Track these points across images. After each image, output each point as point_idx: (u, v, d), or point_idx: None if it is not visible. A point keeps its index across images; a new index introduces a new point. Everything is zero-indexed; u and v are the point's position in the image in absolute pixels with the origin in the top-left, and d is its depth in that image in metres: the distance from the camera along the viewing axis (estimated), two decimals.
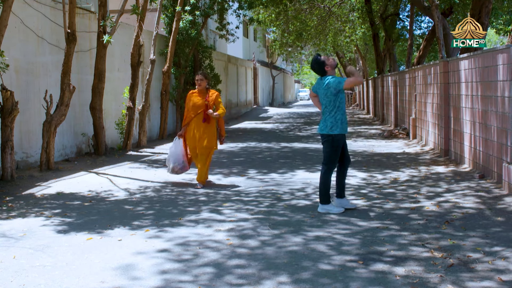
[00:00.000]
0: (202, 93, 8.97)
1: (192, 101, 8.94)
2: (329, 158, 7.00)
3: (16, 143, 9.96)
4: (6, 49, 9.39)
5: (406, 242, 5.58)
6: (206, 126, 8.87)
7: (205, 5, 20.47)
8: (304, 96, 76.72)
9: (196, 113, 8.85)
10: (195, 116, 8.85)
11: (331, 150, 6.96)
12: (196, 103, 8.88)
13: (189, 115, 8.92)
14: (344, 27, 31.00)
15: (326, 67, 7.08)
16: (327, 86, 6.95)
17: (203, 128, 8.85)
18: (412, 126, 16.18)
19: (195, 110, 8.87)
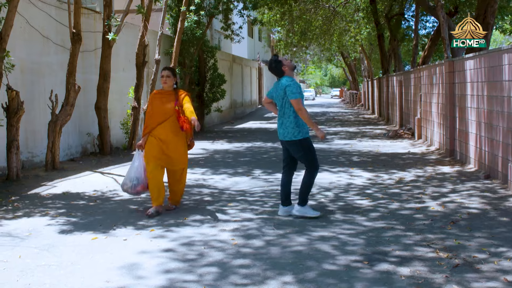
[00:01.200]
0: (169, 94, 7.15)
1: (156, 104, 7.13)
2: (309, 160, 6.69)
3: (21, 142, 9.99)
4: (11, 49, 9.42)
5: (411, 242, 5.57)
6: (177, 135, 7.08)
7: (210, 5, 20.47)
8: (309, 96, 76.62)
9: (162, 120, 7.01)
10: (159, 124, 7.01)
11: (305, 153, 6.66)
12: (162, 108, 7.07)
13: (151, 122, 7.06)
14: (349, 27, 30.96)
15: (283, 67, 6.75)
16: (284, 87, 6.59)
17: (174, 137, 7.05)
18: (417, 126, 16.15)
19: (161, 117, 7.03)
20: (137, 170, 7.15)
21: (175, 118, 7.02)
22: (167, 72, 7.15)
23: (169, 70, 7.19)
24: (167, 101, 7.07)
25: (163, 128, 7.00)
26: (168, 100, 7.09)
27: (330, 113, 35.67)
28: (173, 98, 7.08)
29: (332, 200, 7.81)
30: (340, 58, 52.15)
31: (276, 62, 6.80)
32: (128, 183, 7.15)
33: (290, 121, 6.62)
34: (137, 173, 7.14)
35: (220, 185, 9.18)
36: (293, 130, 6.61)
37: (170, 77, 7.14)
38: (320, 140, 16.51)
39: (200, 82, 21.14)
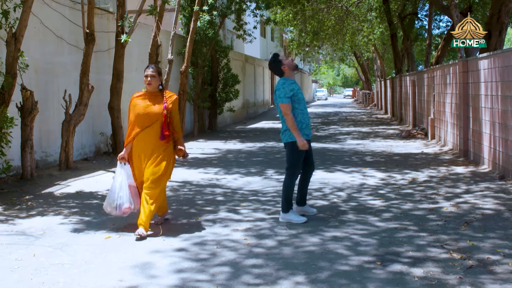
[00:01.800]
0: (155, 96, 6.22)
1: (139, 108, 6.18)
2: (291, 163, 6.51)
3: (35, 142, 10.06)
4: (25, 49, 9.48)
5: (424, 243, 5.54)
6: (160, 145, 6.14)
7: (223, 5, 20.50)
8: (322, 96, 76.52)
9: (146, 125, 6.12)
10: (142, 130, 6.13)
11: (292, 155, 6.49)
12: (146, 112, 6.13)
13: (134, 130, 6.17)
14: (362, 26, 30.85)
15: (283, 66, 6.52)
16: (277, 92, 6.47)
17: (156, 147, 6.13)
18: (430, 126, 16.06)
19: (145, 122, 6.12)
20: (121, 186, 6.18)
21: (160, 124, 6.11)
22: (151, 71, 6.17)
23: (154, 69, 6.21)
24: (152, 104, 6.15)
25: (147, 134, 6.12)
26: (154, 102, 6.16)
27: (342, 113, 35.59)
28: (160, 100, 6.17)
29: (345, 200, 7.79)
30: (352, 58, 51.99)
31: (276, 61, 6.58)
32: (112, 203, 6.20)
33: (285, 124, 6.49)
34: (121, 190, 6.18)
35: (232, 184, 9.19)
36: (288, 132, 6.46)
37: (155, 77, 6.18)
38: (332, 141, 16.47)
39: (212, 82, 21.17)
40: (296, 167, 6.57)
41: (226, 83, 21.60)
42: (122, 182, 6.19)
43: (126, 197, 6.19)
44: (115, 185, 6.20)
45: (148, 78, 6.17)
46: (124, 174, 6.20)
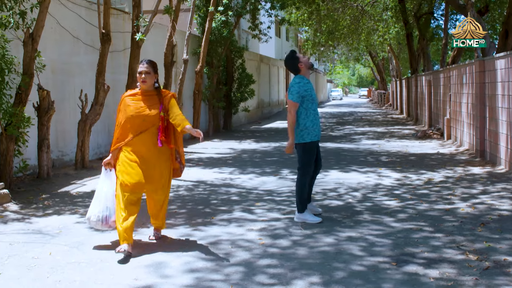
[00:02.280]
0: (150, 96, 5.49)
1: (131, 110, 5.42)
2: (303, 163, 6.53)
3: (52, 141, 10.14)
4: (42, 49, 9.56)
5: (440, 244, 5.51)
6: (159, 151, 5.48)
7: (238, 5, 20.52)
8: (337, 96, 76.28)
9: (140, 131, 5.40)
10: (136, 136, 5.40)
11: (304, 155, 6.51)
12: (140, 115, 5.40)
13: (124, 134, 5.44)
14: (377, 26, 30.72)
15: (300, 64, 6.50)
16: (291, 88, 6.45)
17: (155, 154, 5.46)
18: (446, 127, 15.95)
19: (140, 126, 5.41)
20: (107, 196, 5.56)
21: (157, 129, 5.43)
22: (145, 67, 5.42)
23: (149, 64, 5.47)
24: (148, 106, 5.42)
25: (142, 141, 5.39)
26: (150, 103, 5.43)
27: (358, 113, 35.47)
28: (156, 101, 5.46)
29: (360, 200, 7.76)
30: (368, 58, 51.79)
31: (293, 58, 6.56)
32: (97, 215, 5.56)
33: (299, 123, 6.48)
34: (107, 200, 5.57)
35: (247, 184, 9.20)
36: (301, 133, 6.47)
37: (149, 74, 5.44)
38: (347, 141, 16.43)
39: (227, 82, 21.20)
40: (308, 166, 6.58)
41: (241, 83, 21.63)
42: (108, 191, 5.55)
43: (114, 208, 5.48)
44: (100, 194, 5.57)
45: (142, 75, 5.41)
46: (109, 183, 5.57)
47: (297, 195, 6.56)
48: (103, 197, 5.57)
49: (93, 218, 5.56)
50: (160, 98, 5.48)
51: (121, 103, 5.53)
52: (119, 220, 5.26)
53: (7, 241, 5.84)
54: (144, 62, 5.49)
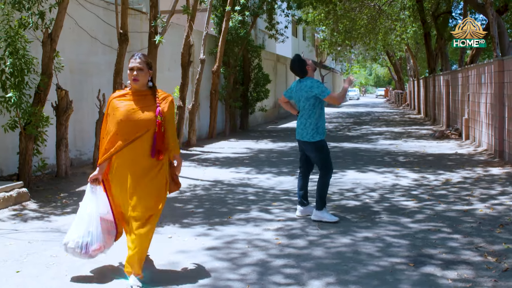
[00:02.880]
0: (143, 97, 4.61)
1: (121, 113, 4.51)
2: (323, 161, 6.58)
3: (70, 141, 10.22)
4: (61, 49, 9.64)
5: (458, 245, 5.47)
6: (152, 164, 4.55)
7: (255, 4, 20.54)
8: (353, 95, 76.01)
9: (131, 139, 4.49)
10: (128, 144, 4.50)
11: (319, 154, 6.58)
12: (131, 118, 4.50)
13: (114, 142, 4.53)
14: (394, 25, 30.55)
15: (307, 66, 6.67)
16: (311, 88, 6.52)
17: (146, 167, 4.53)
18: (464, 127, 15.82)
19: (130, 133, 4.50)
20: (91, 219, 4.61)
21: (152, 136, 4.49)
22: (138, 62, 4.51)
23: (142, 59, 4.55)
24: (140, 107, 4.51)
25: (133, 151, 4.48)
26: (143, 105, 4.52)
27: (375, 113, 35.31)
28: (151, 102, 4.55)
29: (377, 201, 7.73)
30: (385, 57, 51.54)
31: (300, 61, 6.72)
32: (76, 240, 4.60)
33: (311, 122, 6.56)
34: (90, 224, 4.61)
35: (264, 184, 9.20)
36: (312, 132, 6.55)
37: (142, 70, 4.51)
38: (364, 141, 16.35)
39: (244, 82, 21.23)
40: (330, 163, 6.65)
41: (257, 83, 21.64)
42: (92, 213, 4.60)
43: (97, 234, 4.61)
44: (83, 216, 4.63)
45: (134, 71, 4.49)
46: (95, 203, 4.61)
47: (319, 193, 6.59)
48: (85, 219, 4.60)
49: (71, 244, 4.58)
50: (155, 99, 4.56)
51: (108, 107, 4.57)
52: None
53: (26, 239, 5.90)
54: (137, 56, 4.55)
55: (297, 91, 6.70)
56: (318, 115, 6.57)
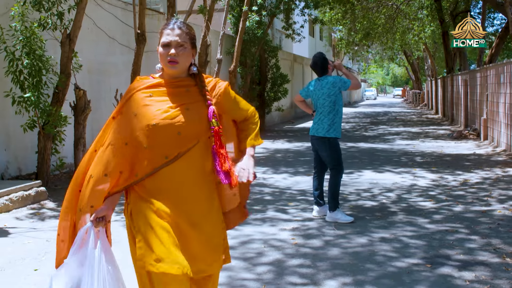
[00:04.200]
0: (184, 89, 2.83)
1: (154, 114, 2.72)
2: (335, 161, 6.59)
3: (88, 140, 10.28)
4: (79, 50, 9.72)
5: (475, 246, 5.42)
6: (211, 193, 2.87)
7: (272, 4, 20.54)
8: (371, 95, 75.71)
9: (171, 156, 2.72)
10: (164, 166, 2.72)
11: (331, 153, 6.59)
12: (174, 122, 2.72)
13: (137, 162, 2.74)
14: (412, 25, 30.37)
15: (328, 65, 6.76)
16: (333, 84, 6.56)
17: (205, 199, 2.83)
18: (483, 127, 15.68)
19: (173, 146, 2.72)
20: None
21: (205, 148, 2.81)
22: (177, 34, 2.79)
23: (182, 30, 2.81)
24: (183, 106, 2.78)
25: (174, 175, 2.75)
26: (186, 101, 2.80)
27: (392, 113, 35.13)
28: (197, 97, 2.83)
29: (394, 201, 7.69)
30: (402, 57, 51.24)
31: (324, 59, 6.78)
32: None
33: (328, 118, 6.59)
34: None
35: (281, 184, 9.20)
36: (328, 127, 6.58)
37: (185, 48, 2.79)
38: (381, 141, 16.28)
39: (261, 82, 21.24)
40: (341, 162, 6.67)
41: (274, 83, 21.65)
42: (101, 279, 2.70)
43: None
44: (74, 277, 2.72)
45: (171, 49, 2.77)
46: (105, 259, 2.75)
47: (331, 193, 6.57)
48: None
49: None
50: (204, 92, 2.84)
51: (125, 103, 2.82)
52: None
53: (44, 238, 5.96)
54: (174, 25, 2.83)
55: (316, 89, 6.72)
56: (336, 112, 6.60)
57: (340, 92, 6.63)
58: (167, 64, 2.80)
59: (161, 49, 2.83)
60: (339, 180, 6.64)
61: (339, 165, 6.62)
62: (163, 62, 2.83)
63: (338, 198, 6.61)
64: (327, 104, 6.60)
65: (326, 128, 6.58)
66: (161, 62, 2.85)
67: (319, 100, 6.70)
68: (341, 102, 6.69)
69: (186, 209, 2.74)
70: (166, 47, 2.80)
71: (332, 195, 6.56)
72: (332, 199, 6.56)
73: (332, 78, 6.65)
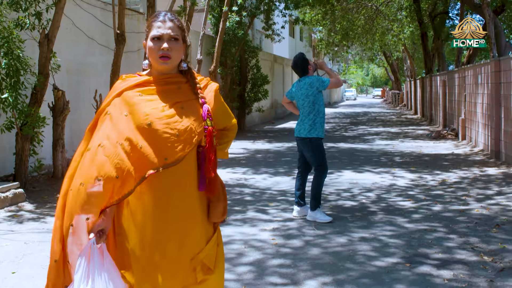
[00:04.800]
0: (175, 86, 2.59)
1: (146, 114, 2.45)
2: (318, 161, 6.60)
3: (66, 141, 10.21)
4: (58, 50, 9.63)
5: (454, 245, 5.48)
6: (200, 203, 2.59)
7: (252, 5, 20.54)
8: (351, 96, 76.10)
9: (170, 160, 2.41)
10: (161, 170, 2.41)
11: (314, 153, 6.59)
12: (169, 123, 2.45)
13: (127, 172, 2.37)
14: (391, 26, 30.59)
15: (309, 66, 6.76)
16: (310, 85, 6.59)
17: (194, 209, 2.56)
18: (461, 127, 15.85)
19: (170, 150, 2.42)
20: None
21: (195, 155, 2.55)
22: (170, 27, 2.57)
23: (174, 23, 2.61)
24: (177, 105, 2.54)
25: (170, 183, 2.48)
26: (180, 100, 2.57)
27: (371, 113, 35.34)
28: (191, 96, 2.61)
29: (373, 201, 7.74)
30: (382, 58, 51.60)
31: (304, 60, 6.79)
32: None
33: (309, 119, 6.61)
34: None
35: (261, 184, 9.20)
36: (309, 127, 6.61)
37: (178, 42, 2.59)
38: (361, 141, 16.37)
39: (241, 82, 21.24)
40: (325, 163, 6.66)
41: (255, 83, 21.66)
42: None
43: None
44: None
45: (164, 43, 2.54)
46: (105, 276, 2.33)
47: (313, 192, 6.61)
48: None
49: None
50: (196, 89, 2.63)
51: (110, 102, 2.57)
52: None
53: (22, 240, 5.89)
54: (165, 17, 2.62)
55: (297, 90, 6.76)
56: (316, 112, 6.61)
57: (320, 92, 6.64)
58: (158, 60, 2.54)
59: (150, 43, 2.55)
60: (322, 181, 6.67)
61: (322, 165, 6.64)
62: (153, 58, 2.56)
63: (320, 198, 6.64)
64: (306, 105, 6.64)
65: (308, 129, 6.61)
66: (150, 58, 2.58)
67: (299, 101, 6.74)
68: (321, 102, 6.70)
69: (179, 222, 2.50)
70: (157, 40, 2.54)
71: (314, 195, 6.59)
72: (314, 199, 6.59)
73: (309, 79, 6.67)
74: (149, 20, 2.64)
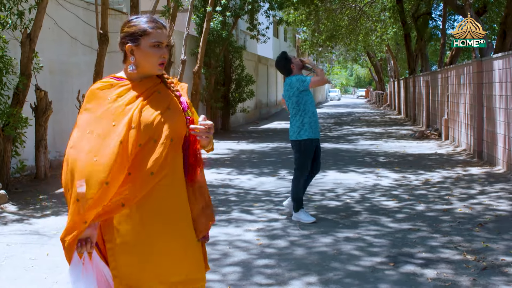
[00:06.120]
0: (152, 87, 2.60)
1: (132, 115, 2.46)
2: (299, 163, 6.53)
3: (49, 142, 10.12)
4: (40, 50, 9.55)
5: (437, 244, 5.51)
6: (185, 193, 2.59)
7: (236, 5, 20.54)
8: (335, 96, 76.35)
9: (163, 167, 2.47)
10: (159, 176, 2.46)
11: (300, 155, 6.50)
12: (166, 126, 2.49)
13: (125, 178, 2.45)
14: (375, 26, 30.76)
15: (291, 65, 6.57)
16: (290, 85, 6.48)
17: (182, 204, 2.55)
18: (444, 127, 15.97)
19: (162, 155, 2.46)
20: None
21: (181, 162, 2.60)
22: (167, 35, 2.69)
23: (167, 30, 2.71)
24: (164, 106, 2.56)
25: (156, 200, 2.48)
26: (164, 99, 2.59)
27: (355, 114, 35.48)
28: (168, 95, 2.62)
29: (358, 201, 7.76)
30: (366, 58, 51.84)
31: (286, 59, 6.63)
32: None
33: (296, 120, 6.52)
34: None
35: (245, 185, 9.19)
36: (298, 130, 6.50)
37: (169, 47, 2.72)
38: (345, 141, 16.42)
39: (225, 83, 21.21)
40: (305, 167, 6.58)
41: (239, 84, 21.65)
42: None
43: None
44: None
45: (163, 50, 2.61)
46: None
47: (293, 195, 6.60)
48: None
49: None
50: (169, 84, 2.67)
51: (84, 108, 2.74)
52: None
53: (5, 242, 5.83)
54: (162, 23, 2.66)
55: (285, 90, 6.66)
56: (303, 112, 6.49)
57: (303, 91, 6.48)
58: (157, 67, 2.57)
59: (151, 49, 2.55)
60: (299, 182, 6.57)
61: (299, 169, 6.56)
62: (151, 63, 2.57)
63: (300, 201, 6.57)
64: (291, 106, 6.57)
65: (297, 131, 6.50)
66: (147, 63, 2.57)
67: (286, 102, 6.68)
68: (308, 100, 6.52)
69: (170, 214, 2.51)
70: (157, 47, 2.57)
71: (293, 197, 6.58)
72: (293, 201, 6.58)
73: (289, 79, 6.57)
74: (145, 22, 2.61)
